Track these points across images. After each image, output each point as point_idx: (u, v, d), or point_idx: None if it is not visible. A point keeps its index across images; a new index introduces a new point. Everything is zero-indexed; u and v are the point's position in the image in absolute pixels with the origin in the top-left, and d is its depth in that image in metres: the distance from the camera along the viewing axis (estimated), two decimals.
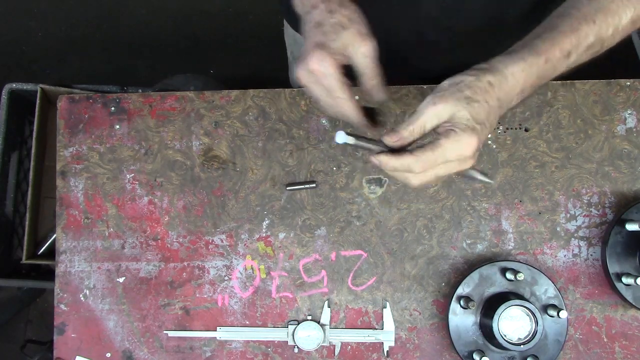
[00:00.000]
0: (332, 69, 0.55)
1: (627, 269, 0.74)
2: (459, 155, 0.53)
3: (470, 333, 0.74)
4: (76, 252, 0.81)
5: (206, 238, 0.81)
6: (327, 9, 0.57)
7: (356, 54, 0.56)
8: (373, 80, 0.58)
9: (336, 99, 0.57)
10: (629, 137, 0.79)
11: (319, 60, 0.54)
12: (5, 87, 1.10)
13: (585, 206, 0.79)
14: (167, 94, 0.83)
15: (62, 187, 0.82)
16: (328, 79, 0.55)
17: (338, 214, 0.80)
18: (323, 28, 0.56)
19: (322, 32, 0.56)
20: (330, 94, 0.56)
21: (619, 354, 0.76)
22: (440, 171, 0.54)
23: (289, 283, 0.80)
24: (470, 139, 0.52)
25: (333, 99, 0.57)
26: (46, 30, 1.90)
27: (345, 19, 0.56)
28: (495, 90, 0.54)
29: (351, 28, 0.56)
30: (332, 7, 0.57)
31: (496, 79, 0.54)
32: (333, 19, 0.56)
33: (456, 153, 0.52)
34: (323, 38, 0.56)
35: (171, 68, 1.83)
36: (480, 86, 0.53)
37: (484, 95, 0.53)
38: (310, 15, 0.58)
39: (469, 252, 0.79)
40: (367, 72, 0.57)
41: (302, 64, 0.56)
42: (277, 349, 0.79)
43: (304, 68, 0.56)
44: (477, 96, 0.53)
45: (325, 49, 0.55)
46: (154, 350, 0.79)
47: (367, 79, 0.58)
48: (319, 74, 0.55)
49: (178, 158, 0.82)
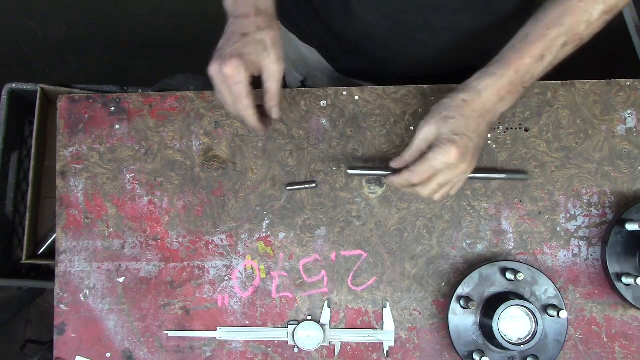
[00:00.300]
0: (243, 78, 0.62)
1: (627, 269, 0.74)
2: (444, 162, 0.62)
3: (470, 333, 0.74)
4: (76, 252, 0.81)
5: (206, 238, 0.81)
6: (256, 24, 0.63)
7: (267, 73, 0.64)
8: (273, 101, 0.67)
9: (239, 104, 0.64)
10: (629, 137, 0.79)
11: (235, 67, 0.61)
12: (5, 87, 1.10)
13: (585, 206, 0.79)
14: (167, 94, 0.83)
15: (62, 187, 0.82)
16: (238, 85, 0.63)
17: (338, 214, 0.80)
18: (247, 40, 0.63)
19: (244, 43, 0.63)
20: (236, 98, 0.64)
21: (619, 354, 0.76)
22: (439, 179, 0.65)
23: (289, 283, 0.80)
24: (449, 148, 0.62)
25: (237, 103, 0.64)
26: (46, 30, 1.90)
27: (269, 40, 0.63)
28: (470, 104, 0.63)
29: (270, 50, 0.63)
30: (260, 25, 0.63)
31: (469, 95, 0.63)
32: (258, 36, 0.63)
33: (441, 161, 0.62)
34: (244, 49, 0.62)
35: (171, 68, 1.83)
36: (454, 105, 0.64)
37: (458, 111, 0.63)
38: (239, 21, 0.64)
39: (469, 252, 0.79)
40: (270, 92, 0.66)
41: (217, 64, 0.63)
42: (277, 349, 0.79)
43: (218, 69, 0.62)
44: (452, 113, 0.63)
45: (243, 59, 0.62)
46: (154, 350, 0.79)
47: (269, 98, 0.67)
48: (231, 79, 0.62)
49: (178, 158, 0.82)
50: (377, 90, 0.81)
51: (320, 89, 0.82)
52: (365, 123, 0.81)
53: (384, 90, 0.81)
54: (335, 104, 0.81)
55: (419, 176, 0.65)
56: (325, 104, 0.82)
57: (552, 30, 0.62)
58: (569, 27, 0.61)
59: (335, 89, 0.82)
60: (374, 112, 0.81)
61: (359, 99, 0.81)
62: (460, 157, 0.62)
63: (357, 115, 0.81)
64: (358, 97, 0.81)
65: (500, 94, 0.63)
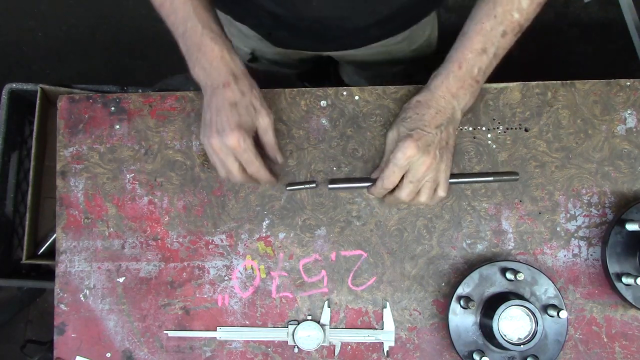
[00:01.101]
0: (250, 145, 0.66)
1: (627, 269, 0.74)
2: (405, 158, 0.65)
3: (470, 333, 0.74)
4: (76, 252, 0.81)
5: (206, 238, 0.81)
6: (240, 90, 0.66)
7: (262, 129, 0.69)
8: (273, 150, 0.72)
9: (252, 167, 0.68)
10: (629, 137, 0.79)
11: (239, 139, 0.65)
12: (5, 87, 1.10)
13: (585, 206, 0.79)
14: (167, 94, 0.83)
15: (62, 187, 0.82)
16: (247, 153, 0.66)
17: (338, 214, 0.80)
18: (238, 109, 0.66)
19: (237, 113, 0.65)
20: (248, 164, 0.68)
21: (619, 354, 0.76)
22: (410, 177, 0.67)
23: (289, 283, 0.80)
24: (407, 143, 0.65)
25: (250, 167, 0.68)
26: (46, 30, 1.90)
27: (256, 101, 0.67)
28: (423, 103, 0.68)
29: (260, 109, 0.68)
30: (243, 89, 0.66)
31: (422, 96, 0.69)
32: (245, 102, 0.66)
33: (401, 158, 0.65)
34: (239, 119, 0.65)
35: (171, 68, 1.83)
36: (409, 107, 0.70)
37: (413, 110, 0.69)
38: (221, 91, 0.66)
39: (469, 252, 0.79)
40: (269, 144, 0.71)
41: (218, 138, 0.65)
42: (277, 349, 0.79)
43: (221, 143, 0.65)
44: (408, 113, 0.69)
45: (243, 128, 0.65)
46: (154, 350, 0.79)
47: (269, 149, 0.72)
48: (239, 148, 0.65)
49: (178, 158, 0.82)
50: (377, 90, 0.81)
51: (320, 89, 0.82)
52: (365, 123, 0.81)
53: (384, 90, 0.81)
54: (335, 104, 0.81)
55: (389, 180, 0.68)
56: (325, 104, 0.82)
57: (487, 24, 0.66)
58: (501, 17, 0.65)
59: (336, 89, 0.82)
60: (374, 112, 0.81)
61: (359, 99, 0.81)
62: (418, 150, 0.65)
63: (357, 115, 0.81)
64: (358, 97, 0.81)
65: (451, 91, 0.68)
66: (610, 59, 1.69)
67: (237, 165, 0.68)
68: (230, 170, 0.68)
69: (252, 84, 0.68)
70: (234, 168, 0.68)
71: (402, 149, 0.65)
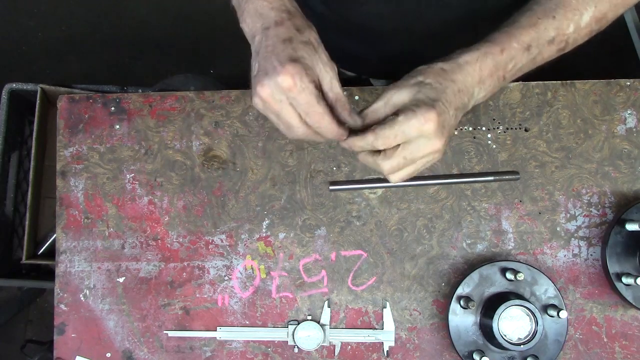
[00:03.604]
0: (309, 83, 0.51)
1: (627, 269, 0.74)
2: (419, 130, 0.52)
3: (470, 333, 0.74)
4: (76, 252, 0.81)
5: (206, 238, 0.81)
6: (295, 26, 0.54)
7: (325, 78, 0.54)
8: (346, 106, 0.56)
9: (313, 114, 0.53)
10: (629, 137, 0.79)
11: (295, 75, 0.50)
12: (5, 87, 1.10)
13: (585, 206, 0.79)
14: (167, 94, 0.83)
15: (62, 187, 0.82)
16: (305, 92, 0.51)
17: (338, 214, 0.80)
18: (294, 44, 0.52)
19: (293, 48, 0.52)
20: (308, 109, 0.52)
21: (619, 354, 0.76)
22: (406, 151, 0.54)
23: (289, 283, 0.80)
24: (428, 113, 0.51)
25: (310, 114, 0.53)
26: (46, 30, 1.90)
27: (314, 41, 0.54)
28: (449, 74, 0.55)
29: (320, 50, 0.54)
30: (299, 26, 0.54)
31: (448, 66, 0.56)
32: (303, 38, 0.54)
33: (415, 128, 0.52)
34: (295, 53, 0.52)
35: (171, 68, 1.83)
36: (431, 71, 0.55)
37: (435, 77, 0.55)
38: (272, 30, 0.54)
39: (469, 252, 0.79)
40: (341, 99, 0.55)
41: (267, 82, 0.51)
42: (277, 349, 0.79)
43: (272, 85, 0.51)
44: (429, 79, 0.55)
45: (299, 63, 0.51)
46: (154, 350, 0.79)
47: (341, 105, 0.56)
48: (295, 91, 0.51)
49: (178, 158, 0.82)
50: (377, 90, 0.81)
51: None
52: None
53: (384, 90, 0.81)
54: None
55: (384, 141, 0.53)
56: None
57: (543, 21, 0.58)
58: (559, 21, 0.59)
59: None
60: None
61: (359, 99, 0.81)
62: (438, 128, 0.52)
63: None
64: (358, 97, 0.81)
65: (481, 73, 0.57)
66: (610, 59, 1.69)
67: (296, 115, 0.53)
68: (288, 122, 0.54)
69: (310, 25, 0.56)
70: (293, 118, 0.53)
71: (420, 119, 0.51)
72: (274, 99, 0.52)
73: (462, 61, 0.56)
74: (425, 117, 0.52)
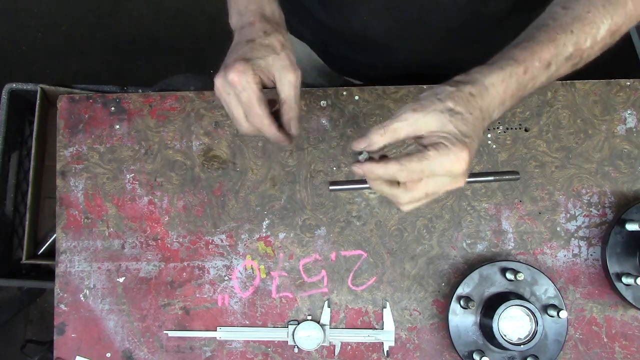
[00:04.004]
0: (252, 84, 0.55)
1: (627, 269, 0.74)
2: (448, 170, 0.50)
3: (470, 333, 0.74)
4: (76, 252, 0.81)
5: (206, 238, 0.81)
6: (263, 29, 0.58)
7: (282, 80, 0.57)
8: (291, 112, 0.58)
9: (252, 114, 0.56)
10: (629, 137, 0.79)
11: (241, 72, 0.54)
12: (5, 87, 1.10)
13: (585, 206, 0.79)
14: (167, 94, 0.83)
15: (62, 187, 0.82)
16: (247, 92, 0.55)
17: (338, 214, 0.80)
18: (253, 45, 0.56)
19: (250, 48, 0.56)
20: (248, 108, 0.56)
21: (619, 354, 0.76)
22: (429, 187, 0.52)
23: (289, 283, 0.80)
24: (462, 153, 0.49)
25: (250, 114, 0.57)
26: (46, 30, 1.90)
27: (278, 44, 0.57)
28: (477, 100, 0.52)
29: (282, 53, 0.57)
30: (267, 29, 0.58)
31: (477, 90, 0.52)
32: (266, 41, 0.57)
33: (445, 167, 0.50)
34: (250, 53, 0.56)
35: (171, 68, 1.83)
36: (462, 97, 0.51)
37: (466, 106, 0.51)
38: (244, 30, 0.58)
39: (469, 252, 0.79)
40: (288, 102, 0.58)
41: (221, 73, 0.55)
42: (277, 349, 0.79)
43: (222, 78, 0.55)
44: (459, 107, 0.51)
45: (249, 63, 0.55)
46: (154, 350, 0.79)
47: (287, 108, 0.58)
48: (239, 87, 0.55)
49: (178, 158, 0.82)
50: (377, 90, 0.81)
51: (320, 89, 0.82)
52: (365, 123, 0.81)
53: (384, 90, 0.81)
54: (335, 104, 0.81)
55: (409, 174, 0.51)
56: (325, 104, 0.82)
57: (561, 36, 0.55)
58: (577, 36, 0.55)
59: (335, 89, 0.82)
60: (374, 112, 0.81)
61: (359, 99, 0.81)
62: (467, 168, 0.50)
63: (357, 115, 0.81)
64: (358, 97, 0.81)
65: (504, 95, 0.54)
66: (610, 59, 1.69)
67: (240, 109, 0.57)
68: (233, 115, 0.58)
69: (281, 30, 0.59)
70: (238, 113, 0.57)
71: (451, 157, 0.49)
72: (225, 90, 0.56)
73: (489, 83, 0.53)
74: (458, 156, 0.49)
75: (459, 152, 0.49)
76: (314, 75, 0.98)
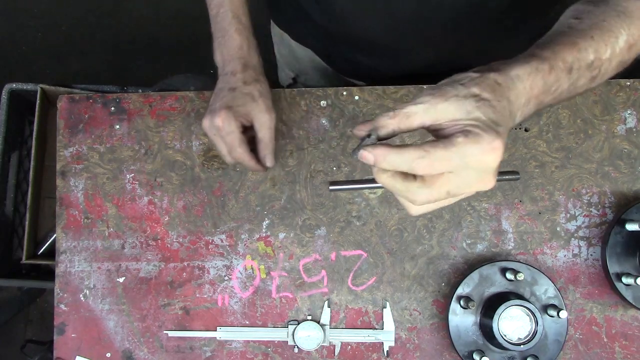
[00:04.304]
0: (234, 128, 0.66)
1: (627, 269, 0.74)
2: (479, 161, 0.42)
3: (470, 333, 0.74)
4: (76, 252, 0.81)
5: (206, 238, 0.81)
6: (243, 79, 0.68)
7: (258, 123, 0.68)
8: (266, 150, 0.70)
9: (234, 152, 0.68)
10: (629, 137, 0.79)
11: (225, 119, 0.65)
12: (5, 87, 1.09)
13: (585, 206, 0.79)
14: (167, 94, 0.83)
15: (62, 187, 0.82)
16: (230, 135, 0.66)
17: (338, 214, 0.80)
18: (235, 93, 0.67)
19: (232, 97, 0.67)
20: (230, 147, 0.68)
21: (619, 354, 0.76)
22: (452, 184, 0.44)
23: (289, 283, 0.79)
24: (496, 142, 0.41)
25: (232, 151, 0.68)
26: (46, 30, 1.90)
27: (256, 92, 0.68)
28: (504, 91, 0.45)
29: (259, 100, 0.68)
30: (247, 79, 0.68)
31: (502, 78, 0.45)
32: (246, 90, 0.68)
33: (477, 158, 0.41)
34: (232, 102, 0.67)
35: (171, 68, 1.83)
36: (487, 83, 0.44)
37: (493, 93, 0.44)
38: (227, 78, 0.69)
39: (469, 252, 0.79)
40: (263, 141, 0.69)
41: (209, 118, 0.67)
42: (277, 349, 0.79)
43: (210, 121, 0.67)
44: (486, 93, 0.43)
45: (232, 111, 0.66)
46: (154, 350, 0.79)
47: (262, 147, 0.70)
48: (223, 131, 0.66)
49: (178, 158, 0.82)
50: (377, 90, 0.81)
51: (320, 89, 0.82)
52: None
53: (384, 90, 0.81)
54: (335, 104, 0.81)
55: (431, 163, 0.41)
56: (325, 104, 0.82)
57: (581, 41, 0.50)
58: (597, 43, 0.51)
59: (335, 89, 0.82)
60: (374, 112, 0.81)
61: (359, 99, 0.81)
62: (499, 162, 0.43)
63: (357, 115, 0.81)
64: (358, 97, 0.81)
65: (530, 93, 0.47)
66: None
67: (225, 147, 0.68)
68: (219, 150, 0.70)
69: (260, 78, 0.70)
70: (222, 149, 0.69)
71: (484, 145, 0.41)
72: (211, 131, 0.68)
73: (514, 75, 0.46)
74: (492, 145, 0.41)
75: (493, 141, 0.41)
76: (317, 78, 0.98)
